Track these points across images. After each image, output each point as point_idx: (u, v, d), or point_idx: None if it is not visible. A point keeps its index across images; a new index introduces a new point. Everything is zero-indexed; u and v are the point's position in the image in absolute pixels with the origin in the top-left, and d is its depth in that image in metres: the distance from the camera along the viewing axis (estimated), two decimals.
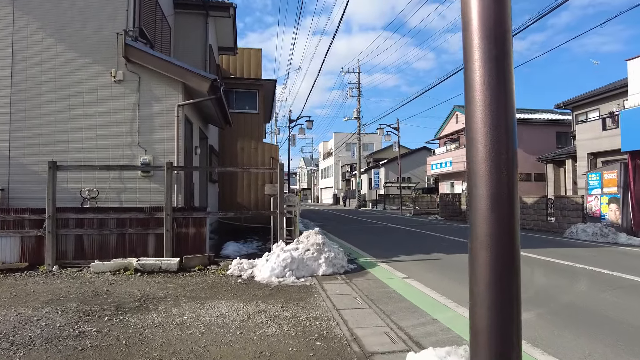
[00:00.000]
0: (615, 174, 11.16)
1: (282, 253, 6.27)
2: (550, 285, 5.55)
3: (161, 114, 7.53)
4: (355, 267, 6.88)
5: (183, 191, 7.64)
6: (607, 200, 11.42)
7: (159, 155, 7.47)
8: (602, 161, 19.47)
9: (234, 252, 8.14)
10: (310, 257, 6.35)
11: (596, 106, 21.78)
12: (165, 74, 7.43)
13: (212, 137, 12.17)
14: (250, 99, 15.23)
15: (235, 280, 5.93)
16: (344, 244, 9.97)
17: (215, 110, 9.03)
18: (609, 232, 10.63)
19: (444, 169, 31.90)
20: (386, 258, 7.84)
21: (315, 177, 67.44)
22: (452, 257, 7.96)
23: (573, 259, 7.55)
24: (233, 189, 14.24)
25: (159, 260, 6.51)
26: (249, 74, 15.80)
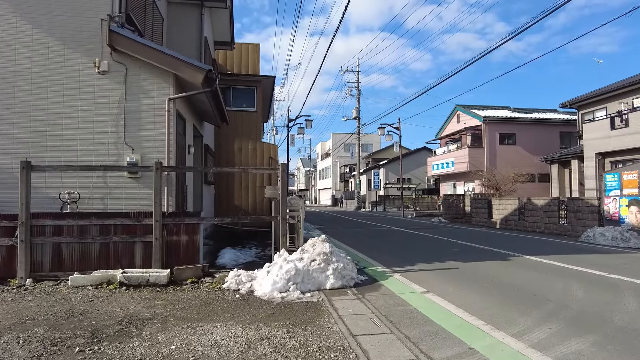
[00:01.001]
0: (636, 174, 10.54)
1: (285, 264, 5.57)
2: (595, 302, 4.87)
3: (150, 109, 6.81)
4: (365, 278, 6.19)
5: (174, 194, 6.93)
6: (627, 203, 10.79)
7: (147, 154, 6.76)
8: (611, 161, 18.91)
9: (231, 261, 7.44)
10: (316, 268, 5.65)
11: (603, 105, 21.19)
12: (155, 65, 6.72)
13: (207, 135, 11.46)
14: (248, 96, 14.54)
15: (233, 296, 5.23)
16: (349, 250, 9.28)
17: (210, 106, 8.33)
18: (630, 237, 9.99)
19: (445, 170, 31.28)
20: (398, 267, 7.16)
21: (313, 178, 66.75)
22: (470, 266, 7.29)
23: (604, 268, 6.89)
24: (230, 191, 13.54)
25: (147, 273, 5.80)
26: (247, 70, 15.11)
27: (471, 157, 27.75)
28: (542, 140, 27.56)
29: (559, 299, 4.98)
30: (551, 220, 13.64)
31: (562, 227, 13.09)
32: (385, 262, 7.71)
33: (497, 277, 6.30)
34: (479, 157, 27.69)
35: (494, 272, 6.70)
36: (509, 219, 16.02)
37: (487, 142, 27.89)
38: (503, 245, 10.10)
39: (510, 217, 15.92)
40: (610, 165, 19.13)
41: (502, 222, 16.42)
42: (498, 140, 28.06)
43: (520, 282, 5.93)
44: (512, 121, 28.31)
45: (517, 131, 28.17)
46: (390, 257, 8.37)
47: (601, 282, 5.95)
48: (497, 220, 16.78)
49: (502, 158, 26.57)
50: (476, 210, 18.69)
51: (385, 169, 40.07)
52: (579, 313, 4.42)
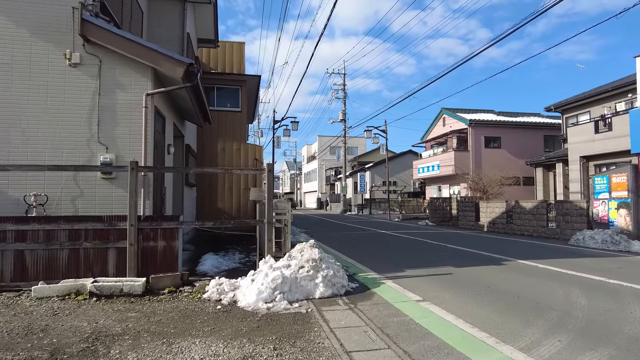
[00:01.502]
0: (625, 177, 10.47)
1: (271, 272, 5.17)
2: (599, 310, 4.62)
3: (126, 105, 6.35)
4: (357, 286, 5.84)
5: (152, 196, 6.47)
6: (615, 205, 10.71)
7: (123, 153, 6.29)
8: (595, 165, 19.03)
9: (213, 268, 6.99)
10: (305, 275, 5.27)
11: (587, 109, 21.41)
12: (132, 58, 6.27)
13: (189, 135, 10.98)
14: (232, 96, 14.11)
15: (214, 307, 4.81)
16: (337, 255, 8.92)
17: (191, 103, 7.88)
18: (620, 240, 9.90)
19: (431, 173, 31.26)
20: (389, 273, 6.83)
21: (299, 181, 66.29)
22: (464, 272, 7.00)
23: (600, 273, 6.69)
24: (213, 194, 13.06)
25: (120, 281, 5.33)
26: (231, 69, 14.66)
27: (457, 160, 27.77)
28: (527, 144, 27.76)
29: (562, 307, 4.71)
30: (539, 223, 13.55)
31: (551, 230, 13.00)
32: (376, 267, 7.38)
33: (493, 283, 6.02)
34: (464, 160, 27.73)
35: (490, 278, 6.42)
36: (496, 222, 15.91)
37: (472, 145, 27.96)
38: (494, 249, 9.89)
39: (498, 220, 15.82)
40: (594, 168, 19.25)
41: (489, 225, 16.31)
42: (484, 144, 28.16)
43: (519, 289, 5.66)
44: (497, 125, 28.47)
45: (502, 135, 28.33)
46: (380, 263, 8.04)
47: (601, 287, 5.72)
48: (484, 224, 16.67)
49: (487, 161, 26.64)
50: (463, 213, 18.58)
51: (371, 172, 39.94)
52: (586, 323, 4.14)
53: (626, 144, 16.12)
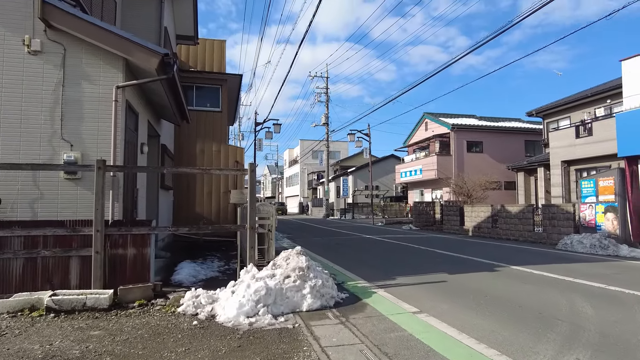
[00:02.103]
0: (612, 180, 10.38)
1: (254, 282, 4.68)
2: (610, 322, 4.30)
3: (94, 98, 5.77)
4: (347, 296, 5.39)
5: (122, 199, 5.89)
6: (603, 209, 10.61)
7: (90, 151, 5.70)
8: (576, 169, 19.20)
9: (189, 277, 6.43)
10: (291, 286, 4.80)
11: (567, 114, 21.66)
12: (101, 46, 5.70)
13: (165, 135, 10.37)
14: (213, 95, 13.54)
15: (189, 323, 4.28)
16: (323, 262, 8.46)
17: (168, 100, 7.32)
18: (609, 244, 9.76)
19: (413, 177, 31.20)
20: (380, 281, 6.41)
21: (280, 186, 65.59)
22: (458, 279, 6.64)
23: (598, 279, 6.43)
24: (191, 197, 12.43)
25: (83, 294, 4.74)
26: (211, 68, 14.09)
27: (439, 165, 27.76)
28: (508, 149, 27.98)
29: (569, 318, 4.37)
30: (526, 227, 13.41)
31: (537, 235, 12.87)
32: (365, 275, 6.95)
33: (491, 292, 5.67)
34: (447, 165, 27.74)
35: (486, 286, 6.08)
36: (481, 227, 15.75)
37: (455, 149, 28.01)
38: (484, 255, 9.61)
39: (483, 224, 15.66)
40: (575, 173, 19.43)
41: (474, 229, 16.14)
42: (466, 148, 28.25)
43: (519, 297, 5.32)
44: (479, 129, 28.63)
45: (484, 139, 28.49)
46: (369, 270, 7.63)
47: (603, 295, 5.43)
48: (469, 228, 16.50)
49: (469, 166, 26.69)
50: (448, 217, 18.40)
51: (354, 176, 39.70)
52: (600, 336, 3.80)
53: (606, 149, 16.27)
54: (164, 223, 10.43)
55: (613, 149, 15.97)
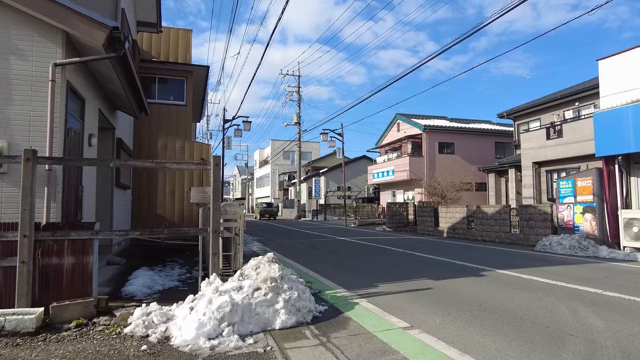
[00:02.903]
0: (591, 181, 10.21)
1: (217, 297, 3.92)
2: (624, 335, 3.83)
3: (26, 77, 4.84)
4: (325, 308, 4.71)
5: (61, 198, 4.97)
6: (581, 210, 10.44)
7: (20, 140, 4.77)
8: (546, 170, 19.34)
9: (143, 288, 5.57)
10: (262, 300, 4.07)
11: (537, 116, 21.89)
12: (35, 15, 4.78)
13: (122, 128, 9.38)
14: (177, 88, 12.59)
15: (137, 348, 3.48)
16: (297, 268, 7.76)
17: (121, 86, 6.41)
18: (588, 245, 9.56)
19: (386, 178, 30.95)
20: (361, 289, 5.77)
21: (251, 187, 64.18)
22: (445, 285, 6.10)
23: (592, 284, 6.05)
24: (152, 198, 11.43)
25: (2, 316, 3.83)
26: (176, 58, 13.11)
27: (412, 166, 27.61)
28: (479, 150, 28.18)
29: (580, 333, 3.86)
30: (502, 228, 13.18)
31: (514, 236, 12.65)
32: (344, 281, 6.30)
33: (485, 300, 5.13)
34: (419, 166, 27.62)
35: (478, 293, 5.55)
36: (457, 228, 15.48)
37: (427, 150, 27.94)
38: (465, 257, 9.17)
39: (459, 225, 15.38)
40: (545, 174, 19.59)
41: (449, 231, 15.86)
42: (437, 149, 28.24)
43: (517, 307, 4.80)
44: (451, 130, 28.70)
45: (455, 140, 28.58)
46: (347, 275, 6.98)
47: (605, 303, 4.99)
48: (444, 229, 16.21)
49: (441, 167, 26.66)
50: (422, 218, 18.08)
51: (326, 177, 39.14)
52: (624, 355, 3.29)
53: (576, 151, 16.40)
54: (120, 226, 9.45)
55: (582, 151, 16.14)
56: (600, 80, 10.61)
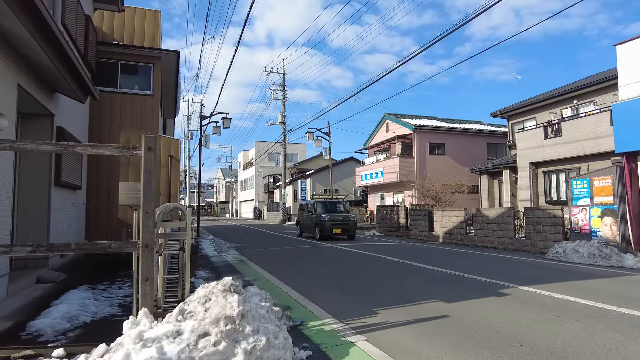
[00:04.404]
0: (610, 180, 9.05)
1: (140, 350, 2.51)
2: None
3: None
4: (309, 354, 3.32)
5: None
6: (599, 213, 9.27)
7: None
8: (544, 171, 18.34)
9: (60, 322, 4.08)
10: (211, 352, 2.66)
11: (533, 115, 20.95)
12: None
13: (67, 117, 7.85)
14: (142, 75, 11.12)
15: None
16: (273, 286, 6.36)
17: (43, 52, 4.92)
18: (611, 253, 8.38)
19: (374, 180, 29.72)
20: (356, 317, 4.40)
21: (235, 190, 62.37)
22: (462, 309, 4.76)
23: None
24: (112, 200, 9.90)
25: None
26: (142, 42, 11.61)
27: (401, 167, 26.43)
28: (470, 151, 27.17)
29: None
30: (505, 234, 11.97)
31: (519, 242, 11.45)
32: (334, 306, 4.92)
33: (523, 336, 3.80)
34: (409, 167, 26.46)
35: (510, 323, 4.22)
36: (454, 233, 14.25)
37: (417, 151, 26.81)
38: (472, 268, 7.89)
39: (456, 230, 14.16)
40: (543, 175, 18.63)
41: (445, 236, 14.62)
42: (428, 150, 27.14)
43: (575, 348, 3.47)
44: (441, 130, 27.66)
45: (446, 141, 27.54)
46: (339, 296, 5.60)
47: None
48: (439, 234, 14.97)
49: (432, 168, 25.51)
50: (415, 222, 16.82)
51: (312, 180, 37.74)
52: None
53: (576, 150, 15.42)
54: (68, 233, 7.92)
55: (583, 150, 15.15)
56: (619, 67, 9.50)
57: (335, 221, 15.58)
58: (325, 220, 15.41)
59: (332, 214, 15.91)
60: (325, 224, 15.34)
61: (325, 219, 15.45)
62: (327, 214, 15.76)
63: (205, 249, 12.23)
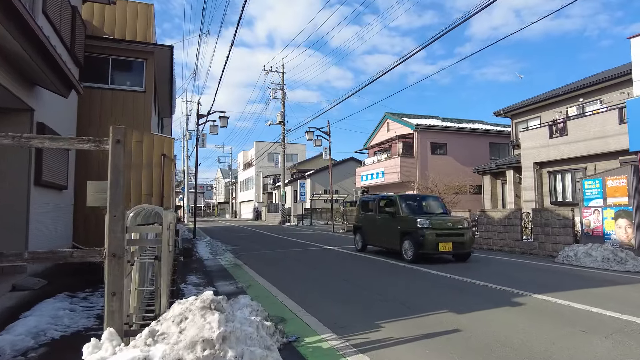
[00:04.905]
0: (624, 180, 8.60)
1: None
2: None
3: None
4: None
5: None
6: (613, 214, 8.82)
7: None
8: (549, 171, 17.90)
9: (24, 338, 3.64)
10: None
11: (537, 114, 20.49)
12: None
13: (50, 113, 7.40)
14: (135, 72, 10.71)
15: None
16: (268, 293, 5.91)
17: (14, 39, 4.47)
18: (627, 258, 7.93)
19: (375, 180, 29.24)
20: (358, 333, 3.95)
21: (234, 190, 61.90)
22: (476, 321, 4.31)
23: None
24: None
25: None
26: (134, 36, 11.16)
27: (403, 167, 25.96)
28: (473, 151, 26.69)
29: None
30: (512, 236, 11.51)
31: (527, 244, 10.99)
32: (333, 318, 4.47)
33: (549, 355, 3.35)
34: (410, 167, 25.99)
35: (530, 339, 3.77)
36: None
37: (419, 151, 26.34)
38: (481, 274, 7.43)
39: None
40: (547, 175, 18.19)
41: None
42: (430, 150, 26.67)
43: None
44: (443, 130, 27.20)
45: (448, 141, 27.08)
46: (338, 306, 5.14)
47: None
48: None
49: (433, 168, 25.03)
50: None
51: (312, 180, 37.30)
52: None
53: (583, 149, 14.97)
54: (50, 237, 7.46)
55: (589, 150, 14.69)
56: (633, 61, 9.07)
57: (443, 229, 9.22)
58: (426, 228, 9.10)
59: (434, 218, 9.57)
60: (426, 235, 8.98)
61: (424, 226, 9.13)
62: (424, 217, 9.47)
63: (201, 251, 11.78)
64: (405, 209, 10.19)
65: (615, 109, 13.37)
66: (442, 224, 9.34)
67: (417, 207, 10.57)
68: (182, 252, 10.81)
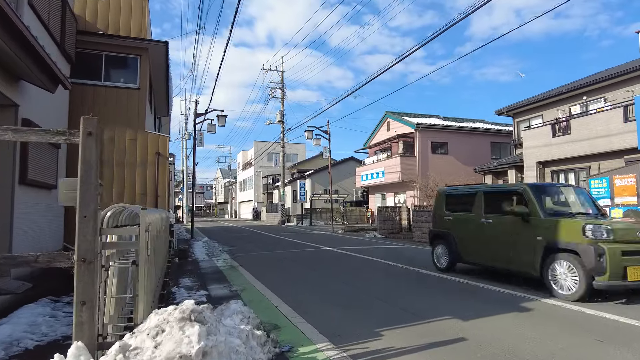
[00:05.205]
0: (633, 179, 8.33)
1: None
2: None
3: None
4: None
5: None
6: (621, 214, 8.55)
7: None
8: (552, 171, 17.65)
9: None
10: None
11: (540, 112, 20.22)
12: None
13: (37, 109, 7.12)
14: (129, 68, 10.44)
15: None
16: (263, 297, 5.64)
17: None
18: None
19: (375, 180, 28.97)
20: (357, 342, 3.67)
21: (234, 190, 61.64)
22: (483, 328, 4.04)
23: None
24: None
25: None
26: (128, 32, 10.88)
27: (403, 167, 25.67)
28: (474, 151, 26.41)
29: None
30: None
31: None
32: (330, 325, 4.19)
33: None
34: (411, 167, 25.71)
35: (539, 350, 3.49)
36: None
37: (419, 150, 26.06)
38: (485, 276, 7.14)
39: None
40: (550, 174, 17.94)
41: None
42: (430, 149, 26.38)
43: None
44: (444, 129, 26.92)
45: (449, 140, 26.80)
46: (335, 311, 4.87)
47: None
48: None
49: (434, 168, 24.75)
50: (418, 224, 16.08)
51: (312, 180, 37.03)
52: None
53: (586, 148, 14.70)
54: (38, 238, 7.18)
55: (593, 149, 14.42)
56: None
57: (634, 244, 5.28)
58: (604, 241, 5.20)
59: (615, 224, 5.48)
60: (607, 254, 5.04)
61: (601, 237, 5.22)
62: (596, 222, 5.46)
63: (197, 252, 11.51)
64: (546, 209, 6.16)
65: (620, 106, 13.11)
66: (630, 233, 5.33)
67: (562, 204, 6.67)
68: (177, 254, 10.54)
